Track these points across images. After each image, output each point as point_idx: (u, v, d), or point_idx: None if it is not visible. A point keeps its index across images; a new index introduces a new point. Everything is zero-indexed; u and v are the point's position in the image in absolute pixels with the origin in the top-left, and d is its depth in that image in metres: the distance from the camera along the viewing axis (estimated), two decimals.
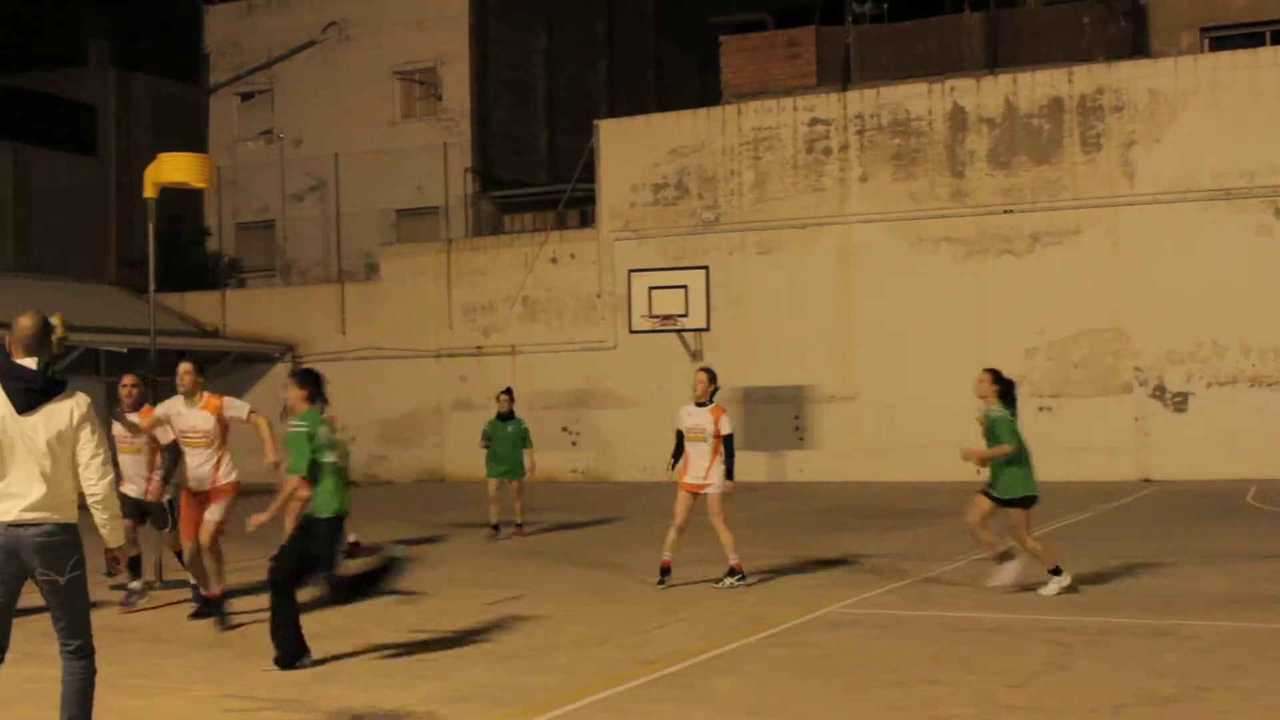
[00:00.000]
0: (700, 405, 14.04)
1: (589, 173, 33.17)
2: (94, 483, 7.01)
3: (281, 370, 35.19)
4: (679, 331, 26.98)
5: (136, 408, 13.41)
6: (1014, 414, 12.96)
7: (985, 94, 29.89)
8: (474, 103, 38.95)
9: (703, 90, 38.07)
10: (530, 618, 12.43)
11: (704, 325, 26.66)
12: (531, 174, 39.73)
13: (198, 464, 12.51)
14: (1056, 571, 12.80)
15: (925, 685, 9.26)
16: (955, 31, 34.54)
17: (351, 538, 15.41)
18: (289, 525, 12.37)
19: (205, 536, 12.29)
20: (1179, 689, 8.92)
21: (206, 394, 12.73)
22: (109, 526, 7.12)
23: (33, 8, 53.78)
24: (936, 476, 27.91)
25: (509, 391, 19.71)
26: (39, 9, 53.81)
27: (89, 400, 7.17)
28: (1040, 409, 27.83)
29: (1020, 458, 12.82)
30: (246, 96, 41.94)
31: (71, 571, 6.91)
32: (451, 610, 12.86)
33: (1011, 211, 29.27)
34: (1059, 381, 28.60)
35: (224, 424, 12.64)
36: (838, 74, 34.07)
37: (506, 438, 19.01)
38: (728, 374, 29.78)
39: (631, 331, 27.67)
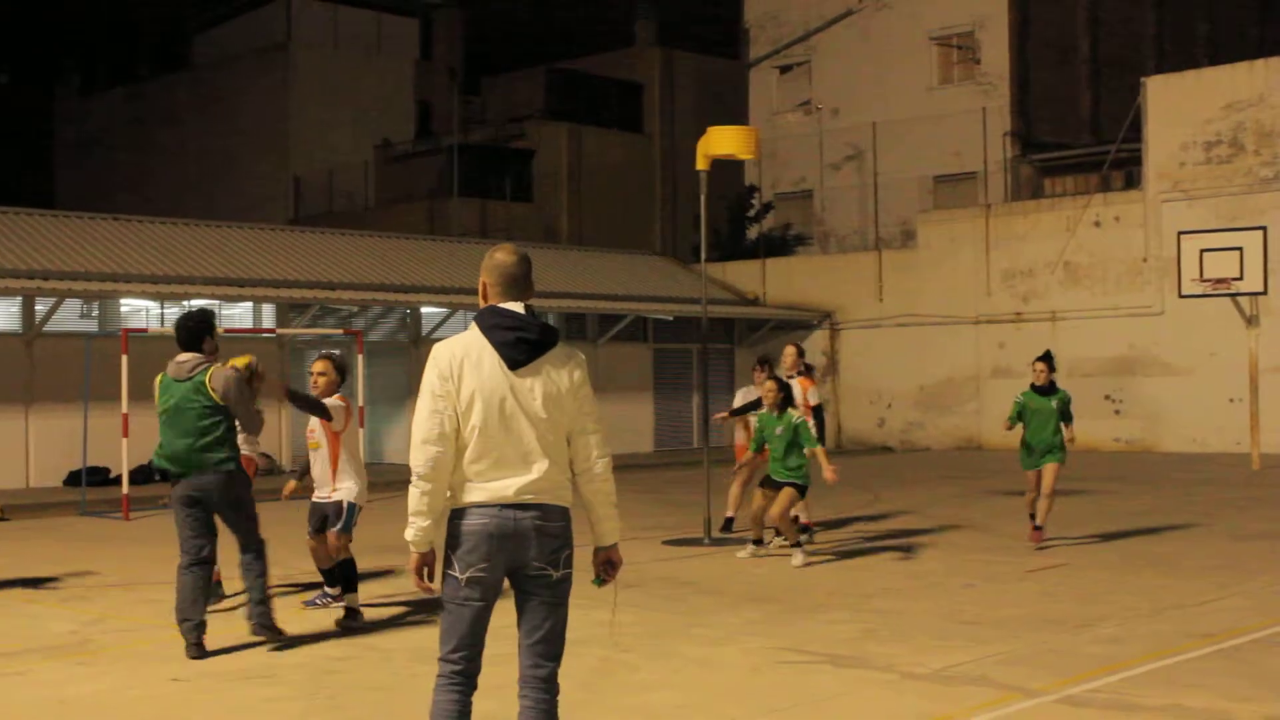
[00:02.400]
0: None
1: (1134, 133, 31.97)
2: (594, 460, 5.61)
3: (820, 337, 35.81)
4: (1233, 296, 25.64)
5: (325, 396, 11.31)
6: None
7: None
8: (1013, 65, 38.28)
9: (1260, 41, 35.96)
10: (1075, 587, 12.23)
11: (1261, 289, 25.22)
12: (1073, 136, 38.69)
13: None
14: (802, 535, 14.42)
15: None
16: None
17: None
18: None
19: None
20: None
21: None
22: (610, 518, 5.70)
23: None
24: None
25: (1047, 358, 15.46)
26: None
27: (584, 357, 5.72)
28: None
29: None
30: (785, 69, 42.74)
31: (566, 568, 5.55)
32: (995, 577, 12.79)
33: None
34: None
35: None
36: None
37: (1046, 415, 14.97)
38: None
39: (1181, 296, 26.52)
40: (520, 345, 5.48)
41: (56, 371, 24.05)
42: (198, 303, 28.07)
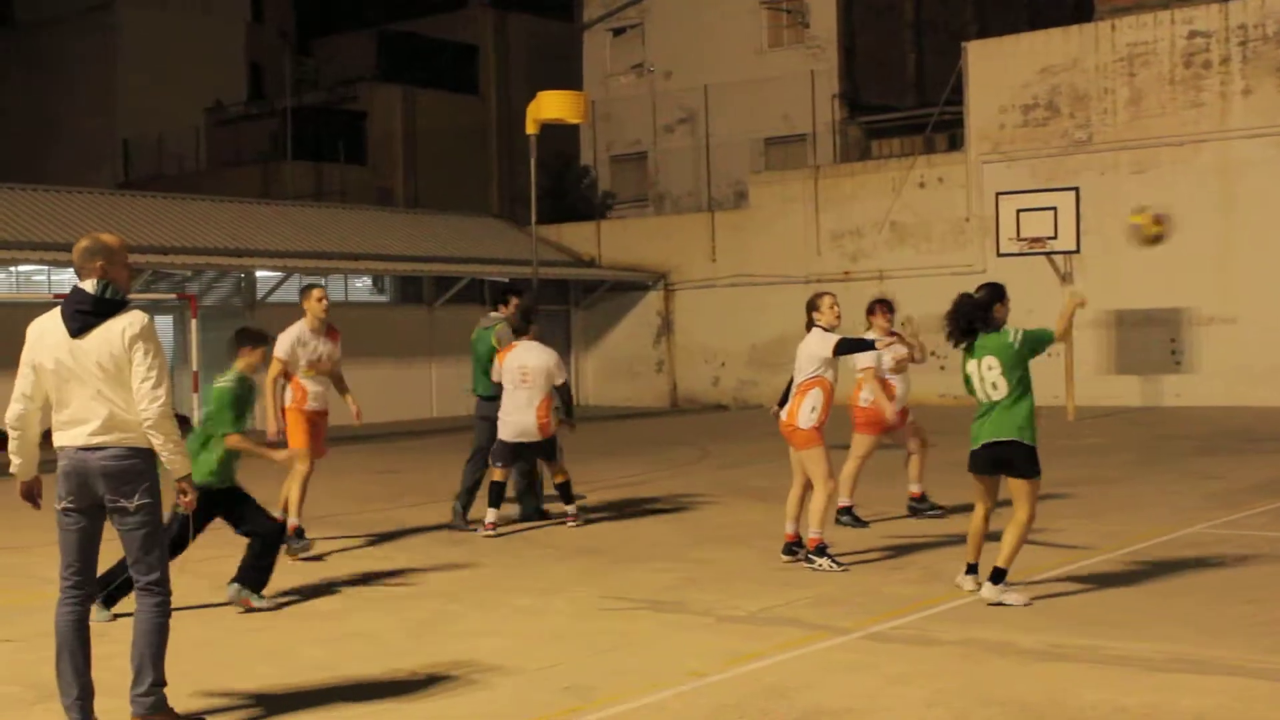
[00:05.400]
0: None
1: (957, 95, 32.87)
2: (144, 407, 6.59)
3: (655, 298, 36.31)
4: (1047, 254, 26.60)
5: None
6: None
7: None
8: (840, 28, 39.01)
9: (1076, 6, 37.09)
10: (887, 531, 12.83)
11: (1074, 247, 26.23)
12: (899, 98, 39.58)
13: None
14: None
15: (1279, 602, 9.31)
16: None
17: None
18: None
19: None
20: None
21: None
22: (167, 452, 6.68)
23: None
24: None
25: None
26: None
27: (145, 319, 6.68)
28: None
29: None
30: (618, 32, 43.07)
31: (141, 499, 6.66)
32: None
33: None
34: None
35: None
36: None
37: None
38: (1100, 297, 29.26)
39: (999, 255, 27.44)
40: (76, 316, 6.63)
41: None
42: (25, 269, 27.70)
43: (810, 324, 11.31)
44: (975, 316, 10.13)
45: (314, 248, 31.75)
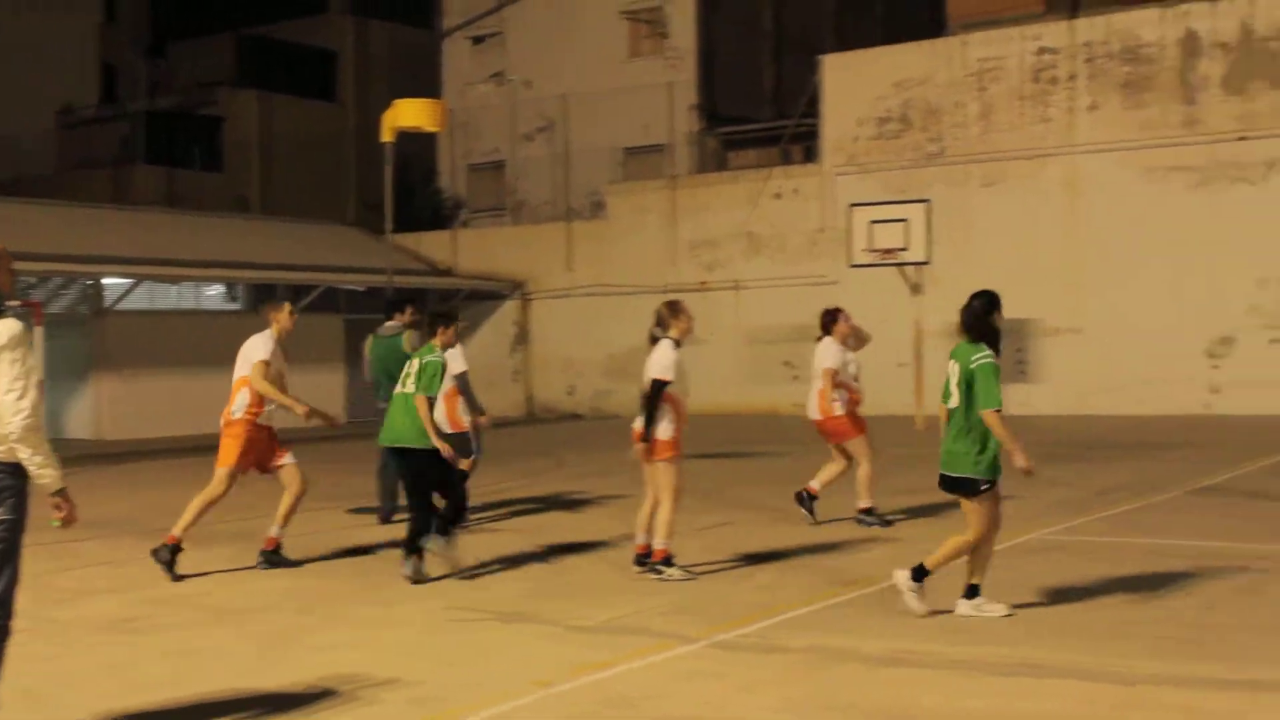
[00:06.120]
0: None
1: (813, 108, 33.30)
2: (8, 420, 6.30)
3: (512, 307, 36.28)
4: (899, 265, 27.03)
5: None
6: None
7: (1220, 18, 29.12)
8: (700, 40, 39.26)
9: (931, 22, 37.73)
10: (736, 541, 12.94)
11: (924, 259, 26.68)
12: (756, 110, 39.93)
13: None
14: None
15: (1118, 606, 9.56)
16: None
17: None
18: None
19: None
20: None
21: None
22: (35, 466, 6.40)
23: None
24: (1166, 410, 27.62)
25: None
26: None
27: (15, 328, 6.41)
28: (1271, 341, 27.35)
29: None
30: (478, 40, 42.95)
31: (8, 514, 6.38)
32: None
33: (1246, 139, 28.54)
34: None
35: None
36: (1066, 2, 33.47)
37: None
38: (948, 308, 29.66)
39: (852, 266, 27.83)
40: None
41: None
42: None
43: (655, 335, 11.34)
44: (979, 326, 9.60)
45: (166, 254, 31.23)
